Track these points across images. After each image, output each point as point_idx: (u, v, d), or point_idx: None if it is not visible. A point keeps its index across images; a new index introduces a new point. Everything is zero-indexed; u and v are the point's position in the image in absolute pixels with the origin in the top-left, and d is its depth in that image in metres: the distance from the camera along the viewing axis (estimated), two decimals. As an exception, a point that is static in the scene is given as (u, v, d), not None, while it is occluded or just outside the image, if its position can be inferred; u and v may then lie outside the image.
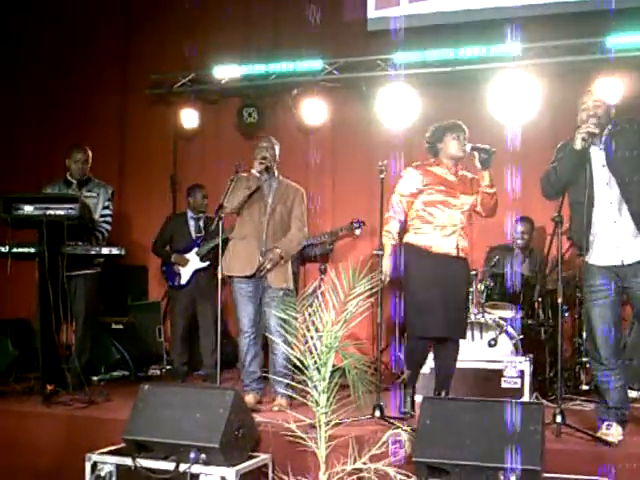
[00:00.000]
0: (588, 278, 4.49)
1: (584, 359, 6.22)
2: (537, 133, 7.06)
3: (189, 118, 8.20)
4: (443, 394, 5.07)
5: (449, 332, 5.05)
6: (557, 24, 7.33)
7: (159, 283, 8.02)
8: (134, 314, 7.48)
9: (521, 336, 6.01)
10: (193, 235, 6.95)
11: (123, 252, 5.93)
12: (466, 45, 7.31)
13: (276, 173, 5.66)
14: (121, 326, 7.21)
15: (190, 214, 7.01)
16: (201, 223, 6.97)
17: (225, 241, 5.53)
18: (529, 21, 7.13)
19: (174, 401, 4.38)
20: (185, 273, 6.85)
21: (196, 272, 6.82)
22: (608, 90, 6.70)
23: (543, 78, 7.09)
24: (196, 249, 6.86)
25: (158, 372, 7.15)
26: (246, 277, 5.46)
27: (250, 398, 5.38)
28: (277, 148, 5.65)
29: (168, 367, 7.15)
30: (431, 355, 5.31)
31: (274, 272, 5.44)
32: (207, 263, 6.78)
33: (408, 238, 5.16)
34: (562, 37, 7.20)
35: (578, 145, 4.33)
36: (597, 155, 4.42)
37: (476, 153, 5.05)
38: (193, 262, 6.84)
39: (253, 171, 5.45)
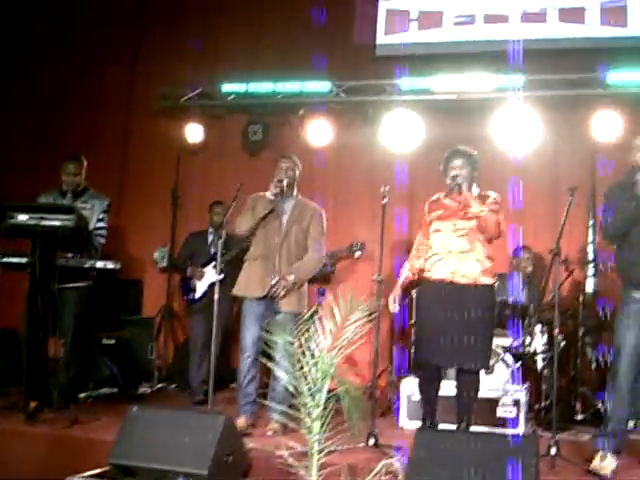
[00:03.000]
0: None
1: (580, 389, 6.24)
2: (539, 163, 7.15)
3: (194, 133, 8.18)
4: (463, 425, 5.00)
5: (446, 361, 4.97)
6: (560, 58, 7.45)
7: (155, 298, 8.02)
8: (126, 329, 7.35)
9: (518, 364, 6.01)
10: (212, 250, 6.90)
11: (118, 266, 5.65)
12: (471, 74, 7.39)
13: (294, 192, 5.62)
14: (112, 341, 7.03)
15: (210, 230, 7.01)
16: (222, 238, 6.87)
17: (240, 260, 5.52)
18: (533, 54, 7.19)
19: (163, 424, 4.28)
20: (200, 287, 6.82)
21: (211, 286, 6.67)
22: (606, 124, 6.82)
23: (545, 109, 7.16)
24: (213, 263, 6.75)
25: (148, 390, 7.04)
26: (258, 299, 5.41)
27: (242, 420, 5.32)
28: (299, 169, 5.64)
29: (159, 385, 7.10)
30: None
31: (287, 296, 5.37)
32: (222, 276, 6.68)
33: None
34: (564, 71, 7.29)
35: None
36: None
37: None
38: (209, 275, 6.77)
39: (267, 194, 5.41)
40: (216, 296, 5.28)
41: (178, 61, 8.36)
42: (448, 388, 5.31)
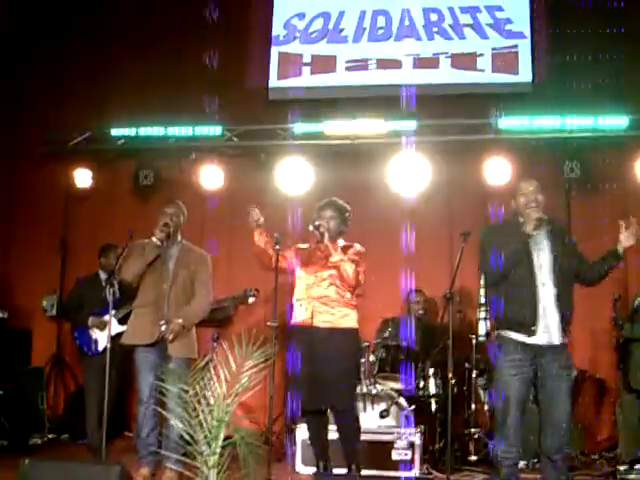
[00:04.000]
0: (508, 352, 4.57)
1: (473, 430, 6.32)
2: (432, 208, 7.31)
3: (82, 178, 7.99)
4: (354, 468, 5.01)
5: (315, 404, 5.05)
6: (452, 104, 7.65)
7: (45, 347, 7.75)
8: (15, 380, 7.11)
9: (412, 407, 6.04)
10: (108, 297, 6.59)
11: (6, 315, 5.62)
12: (364, 119, 7.49)
13: (179, 238, 5.57)
14: (0, 392, 6.82)
15: (103, 275, 6.64)
16: (116, 285, 6.64)
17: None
18: (426, 99, 7.37)
19: (57, 477, 4.14)
20: (102, 338, 6.39)
21: (114, 337, 6.47)
22: (497, 169, 7.03)
23: (438, 154, 7.34)
24: (114, 312, 6.52)
25: (39, 441, 6.84)
26: (148, 346, 5.32)
27: (145, 471, 5.23)
28: (184, 215, 5.57)
29: (50, 436, 6.87)
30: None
31: (177, 342, 5.30)
32: (125, 327, 6.46)
33: None
34: (457, 116, 7.49)
35: (530, 227, 4.50)
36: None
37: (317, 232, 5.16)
38: (112, 326, 6.50)
39: (153, 239, 5.35)
40: (108, 344, 5.22)
41: (65, 104, 8.20)
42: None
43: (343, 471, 5.10)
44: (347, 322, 5.11)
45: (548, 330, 4.48)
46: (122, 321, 6.35)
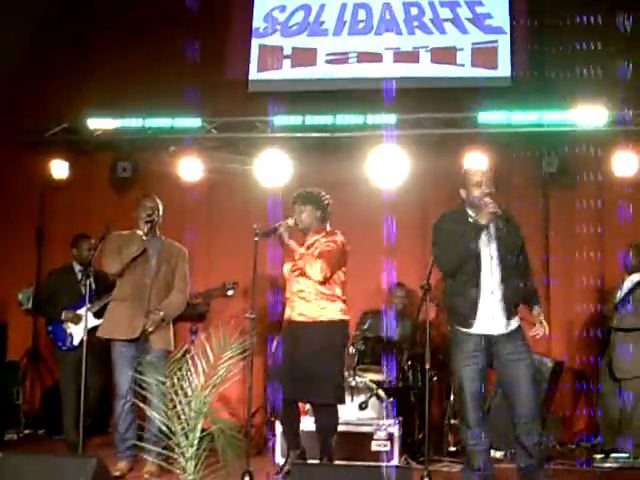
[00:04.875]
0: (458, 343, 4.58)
1: (452, 421, 6.35)
2: (410, 201, 7.31)
3: (59, 169, 7.90)
4: (325, 460, 5.04)
5: (294, 395, 5.07)
6: (432, 97, 7.66)
7: (20, 341, 7.69)
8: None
9: (391, 399, 6.06)
10: (83, 290, 6.48)
11: None
12: (344, 112, 7.49)
13: (158, 233, 5.58)
14: (-25, 387, 6.74)
15: (77, 267, 6.54)
16: (91, 277, 6.54)
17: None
18: (405, 93, 7.36)
19: (32, 471, 4.08)
20: (77, 332, 6.28)
21: (90, 331, 6.12)
22: (477, 163, 7.05)
23: (417, 148, 7.35)
24: (89, 305, 6.40)
25: (15, 437, 6.79)
26: (127, 340, 5.32)
27: (123, 465, 5.23)
28: (160, 210, 5.57)
29: (27, 431, 6.84)
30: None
31: (156, 334, 5.33)
32: (101, 320, 6.37)
33: None
34: (436, 110, 7.50)
35: (484, 221, 4.47)
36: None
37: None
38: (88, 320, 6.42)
39: (139, 232, 5.34)
40: (84, 337, 5.22)
41: (42, 94, 8.10)
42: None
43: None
44: (327, 314, 5.10)
45: (494, 319, 4.49)
46: (97, 314, 6.29)
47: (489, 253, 4.54)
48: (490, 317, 4.49)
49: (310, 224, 5.23)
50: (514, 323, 4.54)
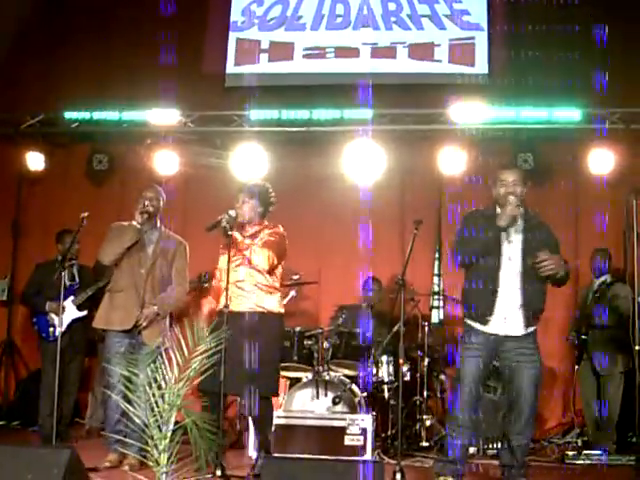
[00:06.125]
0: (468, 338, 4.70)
1: (424, 417, 6.39)
2: (386, 197, 7.33)
3: (35, 161, 7.85)
4: (262, 453, 5.03)
5: (230, 388, 4.90)
6: (408, 93, 7.70)
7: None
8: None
9: (365, 394, 6.08)
10: (67, 282, 6.51)
11: None
12: (321, 107, 7.50)
13: (158, 224, 5.54)
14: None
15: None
16: (75, 270, 6.61)
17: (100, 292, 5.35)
18: (382, 88, 7.39)
19: (4, 462, 4.04)
20: (61, 323, 6.39)
21: (72, 322, 6.43)
22: (452, 159, 7.10)
23: (393, 144, 7.37)
24: (72, 297, 6.46)
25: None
26: (122, 332, 5.28)
27: (113, 457, 5.20)
28: (163, 199, 5.54)
29: (0, 423, 6.80)
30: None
31: (149, 329, 5.28)
32: (84, 312, 6.45)
33: None
34: (413, 106, 7.52)
35: (504, 223, 4.56)
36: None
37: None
38: (69, 311, 6.43)
39: (134, 222, 5.31)
40: (60, 329, 5.30)
41: (18, 86, 8.07)
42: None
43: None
44: (265, 305, 5.06)
45: (507, 321, 4.57)
46: (81, 307, 6.35)
47: (508, 254, 4.62)
48: (505, 318, 4.59)
49: (251, 218, 5.22)
50: (530, 328, 4.63)
